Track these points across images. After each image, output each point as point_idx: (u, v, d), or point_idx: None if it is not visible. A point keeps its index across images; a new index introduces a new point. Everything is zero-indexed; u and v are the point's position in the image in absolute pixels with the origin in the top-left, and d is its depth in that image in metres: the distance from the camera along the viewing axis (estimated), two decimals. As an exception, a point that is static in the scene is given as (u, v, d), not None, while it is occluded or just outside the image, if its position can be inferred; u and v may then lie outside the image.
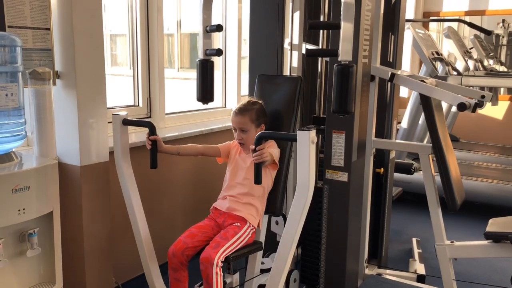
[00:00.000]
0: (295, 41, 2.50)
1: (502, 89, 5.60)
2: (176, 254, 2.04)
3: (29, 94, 1.91)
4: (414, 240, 3.40)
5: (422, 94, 2.34)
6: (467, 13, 5.71)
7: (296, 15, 2.48)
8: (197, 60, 2.15)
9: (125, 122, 2.16)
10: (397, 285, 2.47)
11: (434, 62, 4.06)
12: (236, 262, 2.12)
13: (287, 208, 2.59)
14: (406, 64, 5.89)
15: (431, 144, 2.37)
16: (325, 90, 2.73)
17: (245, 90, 3.55)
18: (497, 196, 4.05)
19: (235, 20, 3.71)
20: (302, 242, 2.59)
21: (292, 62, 2.53)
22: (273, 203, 2.20)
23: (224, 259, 1.96)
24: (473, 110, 2.11)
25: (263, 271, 2.35)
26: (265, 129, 2.20)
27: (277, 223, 2.59)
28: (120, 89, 3.52)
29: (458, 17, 5.65)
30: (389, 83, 2.60)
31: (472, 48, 5.00)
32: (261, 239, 2.23)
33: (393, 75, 2.38)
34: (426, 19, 5.82)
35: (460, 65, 4.56)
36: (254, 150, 1.82)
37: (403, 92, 5.44)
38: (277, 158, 2.11)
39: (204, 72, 2.15)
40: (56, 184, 1.87)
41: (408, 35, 3.90)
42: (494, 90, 4.39)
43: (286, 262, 1.86)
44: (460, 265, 3.00)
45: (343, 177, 2.31)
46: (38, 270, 1.89)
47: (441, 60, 4.22)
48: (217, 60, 3.64)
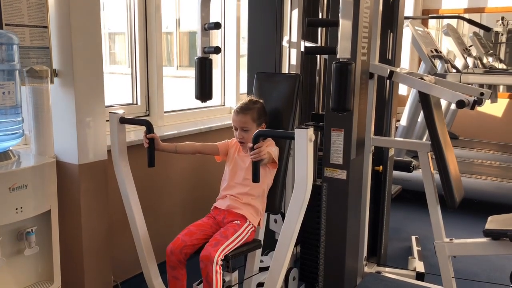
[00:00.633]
0: (294, 38, 2.49)
1: (501, 87, 5.59)
2: (174, 252, 2.03)
3: (26, 92, 1.90)
4: (413, 238, 3.40)
5: (421, 91, 2.34)
6: (466, 11, 5.71)
7: (295, 12, 2.48)
8: (195, 58, 2.15)
9: (122, 121, 2.15)
10: (396, 283, 2.47)
11: (433, 60, 4.06)
12: (235, 260, 2.12)
13: (286, 206, 2.59)
14: (405, 62, 5.88)
15: (430, 142, 2.36)
16: (324, 87, 2.72)
17: (243, 88, 3.54)
18: (496, 194, 4.05)
19: (233, 18, 3.70)
20: (301, 240, 2.59)
21: (290, 60, 2.52)
22: (272, 201, 2.20)
23: (223, 257, 1.95)
24: (472, 108, 2.11)
25: (262, 269, 2.34)
26: (265, 128, 2.20)
27: (275, 221, 2.59)
28: (118, 88, 3.52)
29: (457, 15, 5.64)
30: (388, 80, 2.59)
31: (471, 46, 5.00)
32: (260, 237, 2.23)
33: (392, 72, 2.37)
34: (425, 16, 5.81)
35: (459, 63, 4.55)
36: (252, 148, 1.82)
37: (402, 89, 5.43)
38: (276, 157, 2.10)
39: (203, 70, 2.14)
40: (54, 183, 1.87)
41: (407, 32, 3.90)
42: (493, 88, 4.38)
43: (285, 260, 1.86)
44: (459, 263, 2.99)
45: (342, 175, 2.31)
46: (36, 269, 1.89)
47: (440, 57, 4.22)
48: (215, 58, 3.65)
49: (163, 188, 2.93)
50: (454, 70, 4.27)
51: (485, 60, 5.03)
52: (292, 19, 2.49)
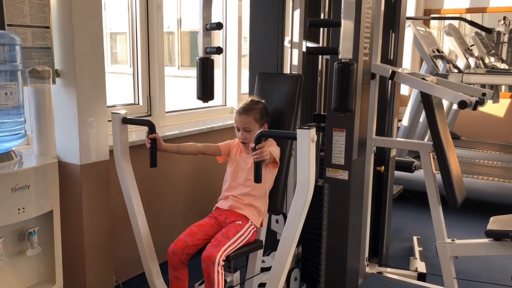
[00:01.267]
0: (296, 39, 2.49)
1: (503, 87, 5.59)
2: (176, 252, 2.04)
3: (28, 92, 1.90)
4: (415, 238, 3.40)
5: (423, 92, 2.33)
6: (468, 10, 5.70)
7: (297, 12, 2.48)
8: (197, 58, 2.15)
9: (125, 121, 2.15)
10: (398, 284, 2.46)
11: (435, 60, 4.06)
12: (237, 260, 2.12)
13: (287, 206, 2.59)
14: (407, 62, 5.88)
15: (431, 142, 2.36)
16: (326, 88, 2.72)
17: (245, 88, 3.54)
18: (498, 194, 4.04)
19: (235, 18, 3.70)
20: (303, 241, 2.59)
21: (292, 60, 2.52)
22: (273, 202, 2.20)
23: (225, 257, 1.95)
24: (474, 108, 2.11)
25: (263, 270, 2.34)
26: (267, 128, 2.20)
27: (277, 221, 2.59)
28: (120, 88, 3.52)
29: (459, 15, 5.63)
30: (390, 81, 2.59)
31: (473, 46, 4.99)
32: (262, 237, 2.23)
33: (393, 73, 2.37)
34: (427, 16, 5.80)
35: (461, 63, 4.55)
36: (254, 148, 1.82)
37: (404, 90, 5.43)
38: (277, 156, 2.10)
39: (204, 70, 2.14)
40: (56, 183, 1.87)
41: (409, 32, 3.89)
42: (495, 88, 4.37)
43: (287, 261, 1.86)
44: (461, 263, 2.99)
45: (343, 175, 2.30)
46: (38, 269, 1.89)
47: (442, 57, 4.21)
48: (217, 58, 3.64)
49: (165, 189, 2.93)
50: (456, 70, 4.26)
51: (487, 60, 5.02)
52: (294, 20, 2.49)
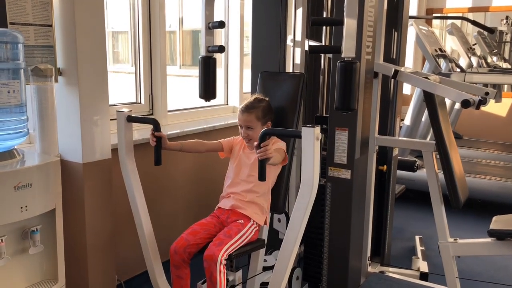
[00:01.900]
0: (298, 37, 2.49)
1: (506, 86, 5.58)
2: (178, 251, 2.03)
3: (31, 91, 1.90)
4: (417, 237, 3.39)
5: (425, 91, 2.33)
6: (471, 10, 5.69)
7: (299, 11, 2.47)
8: (199, 57, 2.14)
9: (130, 119, 2.16)
10: (400, 283, 2.46)
11: (437, 59, 4.05)
12: (239, 259, 2.11)
13: (290, 205, 2.59)
14: (409, 61, 5.88)
15: (434, 142, 2.35)
16: (328, 87, 2.72)
17: (247, 87, 3.54)
18: (501, 194, 4.04)
19: (237, 17, 3.69)
20: (305, 240, 2.58)
21: (294, 59, 2.52)
22: (276, 201, 2.19)
23: (227, 256, 1.95)
24: (477, 107, 2.10)
25: (265, 269, 2.34)
26: (271, 126, 2.19)
27: (279, 220, 2.59)
28: (122, 87, 3.52)
29: (461, 14, 5.62)
30: (392, 80, 2.59)
31: (475, 45, 4.98)
32: (264, 236, 2.23)
33: (396, 71, 2.36)
34: (429, 16, 5.79)
35: (463, 62, 4.54)
36: (259, 146, 1.81)
37: (406, 89, 5.42)
38: (285, 152, 2.09)
39: (206, 69, 2.14)
40: (59, 182, 1.87)
41: (411, 31, 3.88)
42: (498, 87, 4.36)
43: (290, 260, 1.85)
44: (463, 263, 2.98)
45: (346, 174, 2.30)
46: (40, 267, 1.89)
47: (444, 56, 4.20)
48: (219, 57, 3.64)
49: (167, 187, 2.93)
50: (458, 70, 4.25)
51: (489, 60, 5.00)
52: (297, 18, 2.49)
